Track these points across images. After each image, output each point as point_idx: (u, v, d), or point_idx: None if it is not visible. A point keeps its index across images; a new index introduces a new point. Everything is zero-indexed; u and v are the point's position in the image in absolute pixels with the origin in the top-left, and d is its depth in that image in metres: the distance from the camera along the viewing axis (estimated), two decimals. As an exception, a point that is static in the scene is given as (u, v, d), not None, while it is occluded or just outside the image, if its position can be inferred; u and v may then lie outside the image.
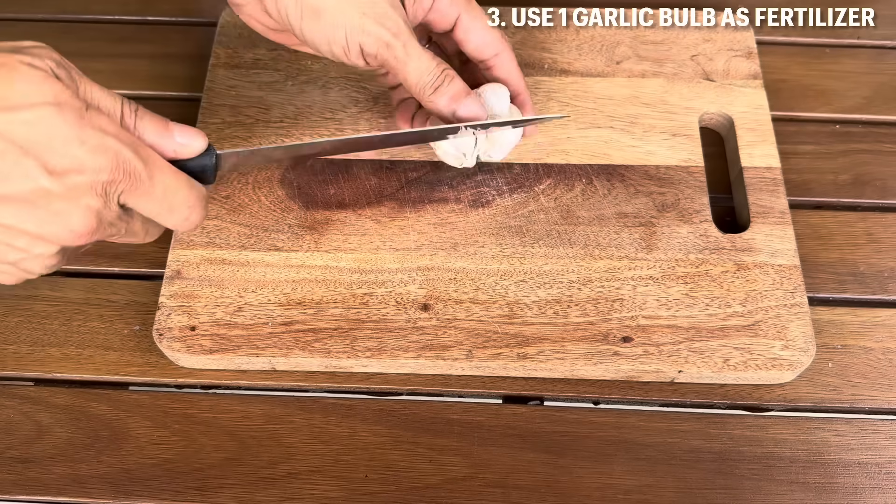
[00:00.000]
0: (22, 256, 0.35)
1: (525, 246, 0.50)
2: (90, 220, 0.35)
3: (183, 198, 0.38)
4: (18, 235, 0.34)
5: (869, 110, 0.59)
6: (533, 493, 0.44)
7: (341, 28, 0.42)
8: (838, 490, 0.44)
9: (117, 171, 0.35)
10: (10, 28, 0.64)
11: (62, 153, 0.33)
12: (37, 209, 0.33)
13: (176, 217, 0.38)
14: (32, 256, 0.35)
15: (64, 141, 0.33)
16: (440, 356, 0.46)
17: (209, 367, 0.48)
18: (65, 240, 0.35)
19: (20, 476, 0.45)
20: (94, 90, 0.36)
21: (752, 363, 0.46)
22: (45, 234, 0.34)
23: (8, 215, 0.33)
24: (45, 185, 0.33)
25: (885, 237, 0.53)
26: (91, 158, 0.34)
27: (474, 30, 0.47)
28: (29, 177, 0.33)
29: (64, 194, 0.33)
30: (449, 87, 0.45)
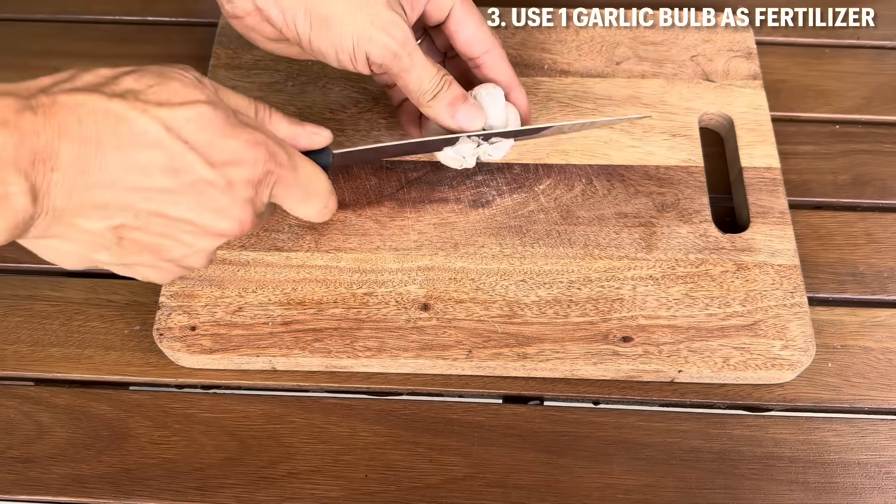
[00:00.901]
0: (186, 253, 0.37)
1: (525, 246, 0.50)
2: (249, 210, 0.37)
3: (322, 187, 0.41)
4: (186, 229, 0.36)
5: (869, 110, 0.59)
6: (533, 493, 0.44)
7: (349, 37, 0.43)
8: (838, 490, 0.44)
9: (270, 162, 0.37)
10: (10, 28, 0.64)
11: (221, 147, 0.35)
12: (202, 201, 0.35)
13: (315, 204, 0.41)
14: (196, 251, 0.37)
15: (222, 136, 0.35)
16: (440, 356, 0.46)
17: (209, 367, 0.48)
18: (228, 231, 0.37)
19: (20, 476, 0.45)
20: (230, 95, 0.39)
21: (751, 363, 0.46)
22: (211, 227, 0.36)
23: (178, 208, 0.35)
24: (208, 177, 0.35)
25: (884, 237, 0.53)
26: (247, 152, 0.36)
27: (466, 24, 0.47)
28: (194, 170, 0.35)
29: (225, 187, 0.36)
30: (447, 92, 0.45)
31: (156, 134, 0.34)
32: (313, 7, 0.42)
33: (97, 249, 0.36)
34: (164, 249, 0.37)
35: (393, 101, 0.52)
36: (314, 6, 0.42)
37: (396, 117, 0.52)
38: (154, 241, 0.36)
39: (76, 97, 0.33)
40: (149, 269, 0.39)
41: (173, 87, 0.35)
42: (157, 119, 0.34)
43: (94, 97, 0.33)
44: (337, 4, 0.42)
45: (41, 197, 0.32)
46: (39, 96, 0.32)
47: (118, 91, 0.34)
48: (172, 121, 0.34)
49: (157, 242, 0.36)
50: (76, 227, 0.34)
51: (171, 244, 0.36)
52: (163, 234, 0.36)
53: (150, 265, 0.38)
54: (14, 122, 0.31)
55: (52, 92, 0.33)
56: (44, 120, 0.32)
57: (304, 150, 0.42)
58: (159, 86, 0.35)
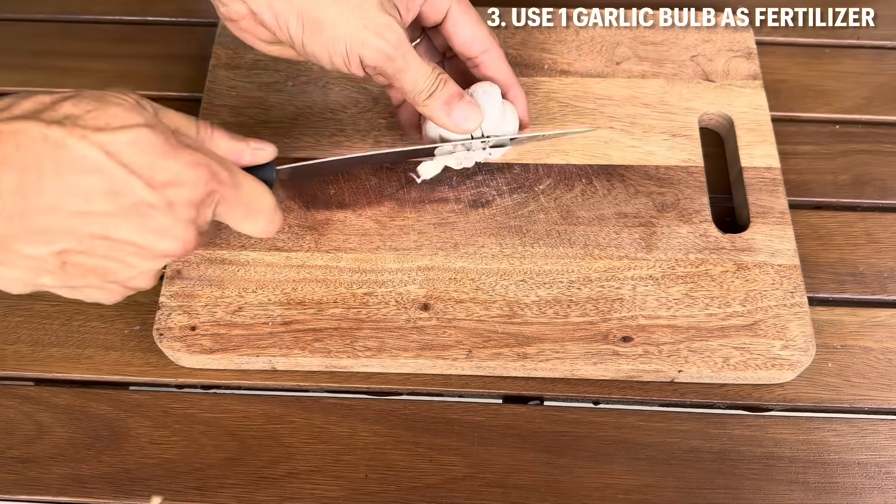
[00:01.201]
0: (131, 274, 0.37)
1: (525, 246, 0.50)
2: (192, 230, 0.37)
3: (265, 203, 0.41)
4: (129, 251, 0.36)
5: (869, 110, 0.59)
6: (533, 493, 0.44)
7: (342, 41, 0.43)
8: (838, 490, 0.44)
9: (212, 181, 0.37)
10: (11, 28, 0.64)
11: (161, 169, 0.35)
12: (144, 223, 0.35)
13: (259, 221, 0.41)
14: (141, 272, 0.37)
15: (162, 157, 0.35)
16: (440, 356, 0.46)
17: (209, 367, 0.48)
18: (171, 251, 0.37)
19: (20, 476, 0.45)
20: (171, 115, 0.39)
21: (752, 363, 0.46)
22: (154, 247, 0.36)
23: (120, 230, 0.35)
24: (149, 199, 0.35)
25: (884, 237, 0.53)
26: (187, 172, 0.36)
27: (463, 24, 0.47)
28: (135, 192, 0.35)
29: (166, 208, 0.36)
30: (442, 91, 0.45)
31: (95, 159, 0.34)
32: (305, 10, 0.42)
33: (41, 274, 0.36)
34: (108, 272, 0.37)
35: (393, 101, 0.52)
36: (306, 10, 0.42)
37: (396, 117, 0.52)
38: (98, 264, 0.36)
39: (14, 125, 0.33)
40: (95, 291, 0.38)
41: (112, 112, 0.35)
42: (95, 144, 0.34)
43: (32, 124, 0.33)
44: (329, 8, 0.42)
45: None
46: None
47: (56, 117, 0.34)
48: (111, 145, 0.34)
49: (101, 265, 0.36)
50: (18, 253, 0.34)
51: (115, 266, 0.36)
52: (106, 257, 0.36)
53: (96, 287, 0.38)
54: None
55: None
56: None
57: (247, 167, 0.41)
58: (98, 110, 0.35)
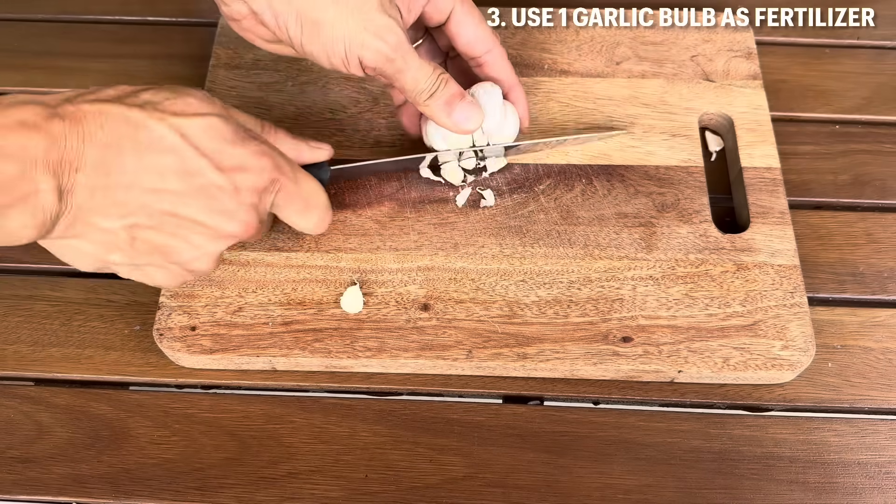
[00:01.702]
0: (194, 255, 0.40)
1: (525, 246, 0.50)
2: (253, 215, 0.40)
3: (321, 200, 0.43)
4: (195, 230, 0.39)
5: (868, 111, 0.59)
6: (533, 493, 0.44)
7: (340, 42, 0.43)
8: (838, 490, 0.44)
9: (275, 171, 0.40)
10: (11, 28, 0.64)
11: (230, 154, 0.38)
12: (211, 204, 0.38)
13: (313, 216, 0.43)
14: (203, 254, 0.40)
15: (230, 144, 0.38)
16: (440, 356, 0.46)
17: (209, 367, 0.48)
18: (234, 233, 0.39)
19: (20, 476, 0.45)
20: (239, 113, 0.42)
21: (751, 363, 0.46)
22: (219, 228, 0.39)
23: (188, 208, 0.38)
24: (217, 181, 0.38)
25: (884, 237, 0.53)
26: (253, 160, 0.39)
27: (466, 24, 0.47)
28: (205, 174, 0.38)
29: (232, 191, 0.38)
30: (444, 91, 0.45)
31: (171, 140, 0.37)
32: (304, 11, 0.42)
33: (111, 249, 0.38)
34: (173, 250, 0.39)
35: (395, 101, 0.52)
36: (305, 10, 0.42)
37: (398, 117, 0.52)
38: (164, 242, 0.38)
39: (99, 106, 0.36)
40: (157, 271, 0.40)
41: (187, 101, 0.38)
42: (172, 126, 0.37)
43: (115, 106, 0.36)
44: (328, 9, 0.42)
45: (66, 195, 0.35)
46: (66, 105, 0.36)
47: (137, 102, 0.37)
48: (186, 128, 0.37)
49: (167, 243, 0.39)
50: (94, 226, 0.37)
51: (180, 245, 0.39)
52: (173, 234, 0.38)
53: (159, 266, 0.40)
54: (44, 127, 0.34)
55: (76, 102, 0.36)
56: (70, 125, 0.35)
57: (304, 165, 0.44)
58: (175, 98, 0.38)
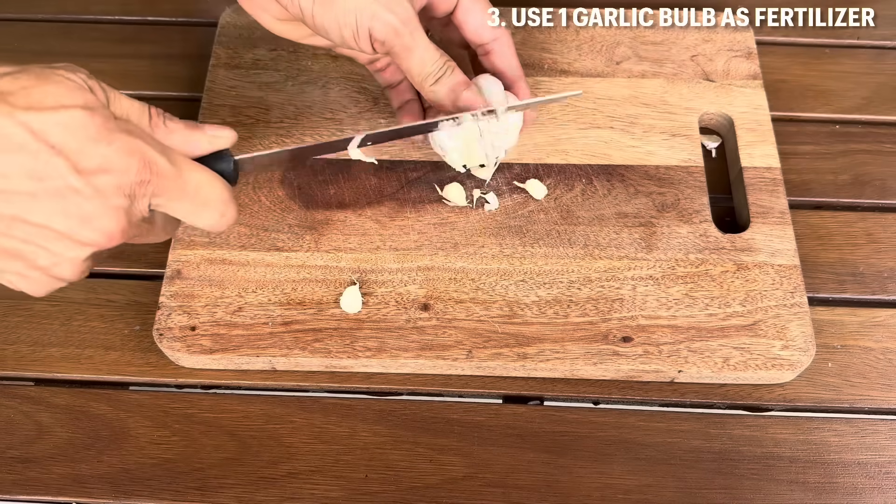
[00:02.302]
0: (53, 261, 0.36)
1: (525, 246, 0.50)
2: (120, 220, 0.35)
3: (217, 194, 0.39)
4: (50, 236, 0.35)
5: (868, 110, 0.59)
6: (533, 493, 0.44)
7: (352, 13, 0.43)
8: (838, 490, 0.44)
9: (144, 170, 0.35)
10: (11, 28, 0.64)
11: (91, 154, 0.34)
12: (68, 208, 0.34)
13: (211, 213, 0.39)
14: (63, 260, 0.36)
15: (93, 142, 0.34)
16: (440, 356, 0.46)
17: (209, 367, 0.48)
18: (96, 241, 0.35)
19: (20, 476, 0.45)
20: (123, 100, 0.37)
21: (751, 363, 0.46)
22: (76, 235, 0.35)
23: (40, 214, 0.34)
24: (74, 184, 0.34)
25: (884, 237, 0.53)
26: (118, 159, 0.35)
27: (474, 12, 0.48)
28: (59, 175, 0.33)
29: (93, 195, 0.34)
30: (450, 77, 0.45)
31: (20, 137, 0.33)
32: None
33: None
34: (27, 256, 0.35)
35: (394, 103, 0.52)
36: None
37: (398, 119, 0.52)
38: (17, 247, 0.35)
39: None
40: (18, 278, 0.37)
41: (48, 90, 0.34)
42: (22, 123, 0.33)
43: None
44: None
45: None
46: None
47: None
48: (40, 125, 0.33)
49: (20, 248, 0.35)
50: None
51: (35, 251, 0.35)
52: (25, 241, 0.35)
53: (19, 273, 0.36)
54: None
55: None
56: None
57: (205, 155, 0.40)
58: (33, 88, 0.34)
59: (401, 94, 0.52)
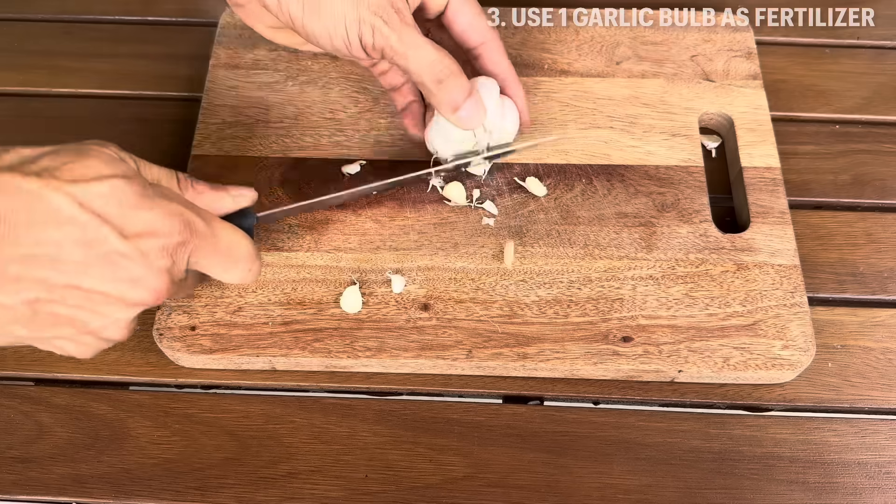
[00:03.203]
0: (103, 323, 0.37)
1: (525, 246, 0.50)
2: (165, 280, 0.37)
3: (245, 250, 0.41)
4: (101, 300, 0.36)
5: (868, 110, 0.59)
6: (533, 493, 0.44)
7: (340, 20, 0.43)
8: (838, 490, 0.44)
9: (185, 231, 0.37)
10: (11, 28, 0.64)
11: (134, 219, 0.36)
12: (117, 273, 0.35)
13: (240, 269, 0.41)
14: (113, 322, 0.37)
15: (136, 208, 0.36)
16: (440, 356, 0.46)
17: (209, 367, 0.48)
18: (144, 300, 0.37)
19: (20, 476, 0.45)
20: (152, 168, 0.40)
21: (752, 363, 0.46)
22: (126, 297, 0.36)
23: (91, 280, 0.35)
24: (121, 248, 0.35)
25: (884, 237, 0.53)
26: (161, 222, 0.36)
27: (463, 13, 0.48)
28: (107, 242, 0.35)
29: (139, 258, 0.36)
30: (454, 84, 0.45)
31: (69, 210, 0.34)
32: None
33: (14, 325, 0.36)
34: (80, 322, 0.37)
35: (397, 106, 0.52)
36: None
37: (402, 120, 0.52)
38: (70, 314, 0.36)
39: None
40: (68, 343, 0.38)
41: (88, 163, 0.35)
42: (69, 195, 0.34)
43: (9, 176, 0.34)
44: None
45: None
46: None
47: (35, 170, 0.34)
48: (85, 196, 0.34)
49: (72, 315, 0.36)
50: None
51: (87, 316, 0.36)
52: (78, 307, 0.36)
53: (69, 338, 0.38)
54: None
55: None
56: None
57: (229, 214, 0.42)
58: (74, 163, 0.35)
59: (404, 97, 0.52)
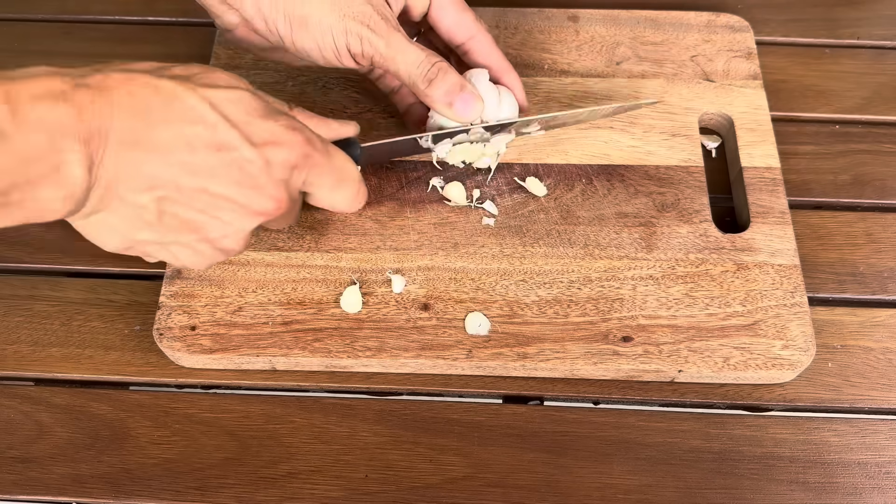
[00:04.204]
0: (224, 232, 0.39)
1: (525, 246, 0.50)
2: (283, 191, 0.39)
3: (353, 173, 0.43)
4: (225, 206, 0.37)
5: (868, 110, 0.59)
6: (533, 493, 0.44)
7: (328, 32, 0.44)
8: (838, 490, 0.44)
9: (307, 146, 0.39)
10: (11, 28, 0.64)
11: (262, 128, 0.37)
12: (242, 178, 0.37)
13: (347, 190, 0.43)
14: (233, 231, 0.39)
15: (262, 118, 0.38)
16: (440, 356, 0.46)
17: (209, 367, 0.48)
18: (265, 210, 0.38)
19: (20, 476, 0.45)
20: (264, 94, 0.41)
21: (752, 363, 0.46)
22: (249, 204, 0.38)
23: (219, 185, 0.37)
24: (248, 155, 0.37)
25: (884, 237, 0.53)
26: (285, 135, 0.38)
27: (447, 10, 0.48)
28: (235, 147, 0.36)
29: (263, 165, 0.37)
30: (444, 81, 0.45)
31: (202, 110, 0.36)
32: (290, 9, 0.43)
33: (140, 226, 0.37)
34: (202, 227, 0.38)
35: (400, 107, 0.53)
36: (291, 8, 0.43)
37: (404, 121, 0.53)
38: (194, 217, 0.37)
39: (128, 75, 0.35)
40: (186, 250, 0.40)
41: (217, 76, 0.38)
42: (203, 97, 0.36)
43: (144, 76, 0.35)
44: (311, 3, 0.43)
45: (95, 167, 0.34)
46: (94, 75, 0.34)
47: (167, 74, 0.36)
48: (217, 100, 0.36)
49: (196, 219, 0.38)
50: (123, 200, 0.36)
51: (209, 221, 0.38)
52: (202, 210, 0.37)
53: (188, 245, 0.39)
54: (72, 97, 0.33)
55: (105, 71, 0.35)
56: (98, 94, 0.34)
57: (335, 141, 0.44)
58: (204, 74, 0.37)
59: (403, 99, 0.52)
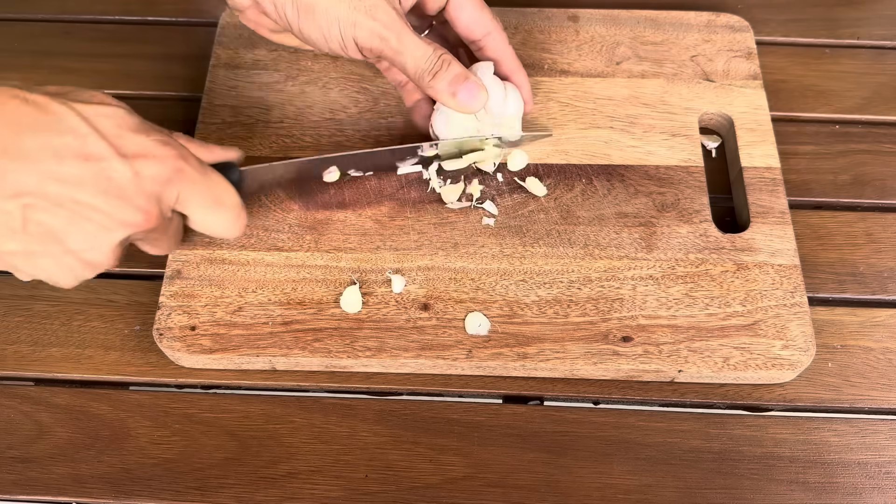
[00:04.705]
0: (88, 245, 0.38)
1: (525, 246, 0.50)
2: (153, 206, 0.39)
3: (230, 195, 0.42)
4: (91, 214, 0.37)
5: (868, 110, 0.59)
6: (533, 493, 0.44)
7: (335, 23, 0.44)
8: (838, 490, 0.44)
9: (179, 160, 0.39)
10: (11, 28, 0.64)
11: (134, 141, 0.38)
12: (109, 188, 0.37)
13: (227, 215, 0.42)
14: (98, 244, 0.38)
15: (134, 132, 0.38)
16: (440, 356, 0.46)
17: (209, 367, 0.48)
18: (131, 221, 0.38)
19: (20, 476, 0.45)
20: None
21: (752, 363, 0.46)
22: (115, 214, 0.38)
23: (84, 194, 0.37)
24: (117, 166, 0.37)
25: (884, 237, 0.53)
26: (158, 148, 0.39)
27: (465, 7, 0.48)
28: (104, 157, 0.37)
29: (132, 178, 0.38)
30: (447, 72, 0.46)
31: (73, 122, 0.37)
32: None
33: (5, 233, 0.37)
34: (67, 236, 0.38)
35: (406, 102, 0.53)
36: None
37: (411, 117, 0.53)
38: (59, 226, 0.37)
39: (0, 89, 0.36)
40: (51, 263, 0.39)
41: (93, 94, 0.39)
42: (74, 110, 0.37)
43: (14, 90, 0.36)
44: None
45: None
46: None
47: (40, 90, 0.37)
48: (89, 114, 0.37)
49: (61, 228, 0.37)
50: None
51: (74, 231, 0.37)
52: (68, 219, 0.37)
53: (53, 256, 0.38)
54: None
55: None
56: None
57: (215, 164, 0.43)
58: (80, 92, 0.38)
59: (410, 93, 0.52)
